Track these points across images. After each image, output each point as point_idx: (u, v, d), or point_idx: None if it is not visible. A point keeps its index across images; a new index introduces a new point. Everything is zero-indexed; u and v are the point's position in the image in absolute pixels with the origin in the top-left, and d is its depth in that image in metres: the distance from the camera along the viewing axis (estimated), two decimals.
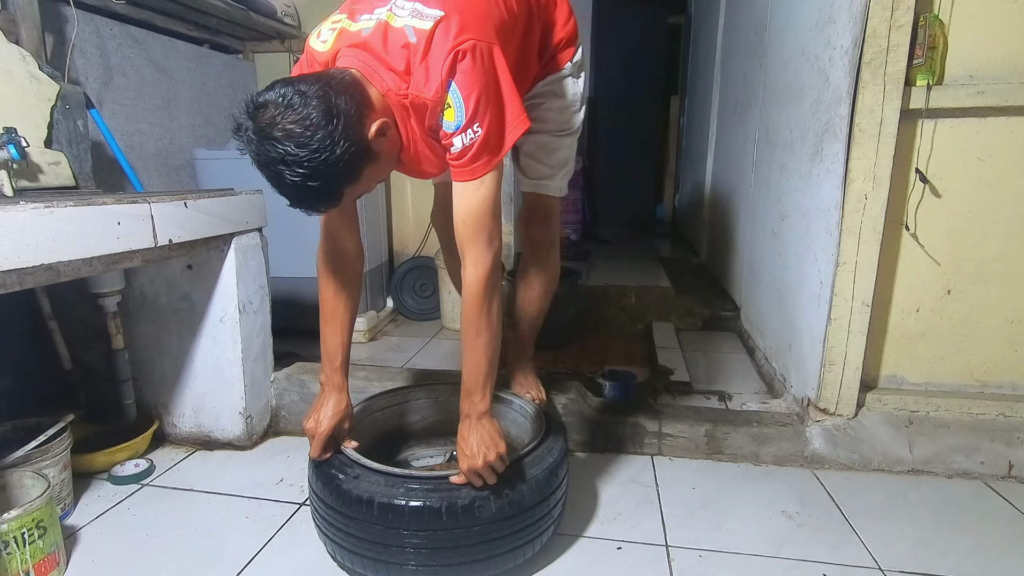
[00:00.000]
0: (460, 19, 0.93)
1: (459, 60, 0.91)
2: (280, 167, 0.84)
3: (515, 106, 0.98)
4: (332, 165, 0.85)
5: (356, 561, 1.03)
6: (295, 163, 0.83)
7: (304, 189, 0.86)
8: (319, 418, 1.13)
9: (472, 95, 0.91)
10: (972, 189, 1.38)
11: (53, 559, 1.07)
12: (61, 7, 1.79)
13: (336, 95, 0.86)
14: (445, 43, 0.91)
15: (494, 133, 0.95)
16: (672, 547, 1.17)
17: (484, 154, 0.95)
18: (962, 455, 1.43)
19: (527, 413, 1.29)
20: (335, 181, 0.89)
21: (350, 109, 0.87)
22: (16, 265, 0.97)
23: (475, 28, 0.94)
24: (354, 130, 0.87)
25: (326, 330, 1.18)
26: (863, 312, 1.40)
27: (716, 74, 3.21)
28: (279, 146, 0.83)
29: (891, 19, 1.27)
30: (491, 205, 0.99)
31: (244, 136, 0.85)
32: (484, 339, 1.01)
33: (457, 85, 0.91)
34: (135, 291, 1.54)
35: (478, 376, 1.03)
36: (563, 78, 1.27)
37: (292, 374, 1.69)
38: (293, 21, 2.62)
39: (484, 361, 1.02)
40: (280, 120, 0.83)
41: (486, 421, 1.04)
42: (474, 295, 0.99)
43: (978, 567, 1.12)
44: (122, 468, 1.43)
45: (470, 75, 0.91)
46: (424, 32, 0.92)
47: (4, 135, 1.36)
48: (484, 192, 0.97)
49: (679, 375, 1.93)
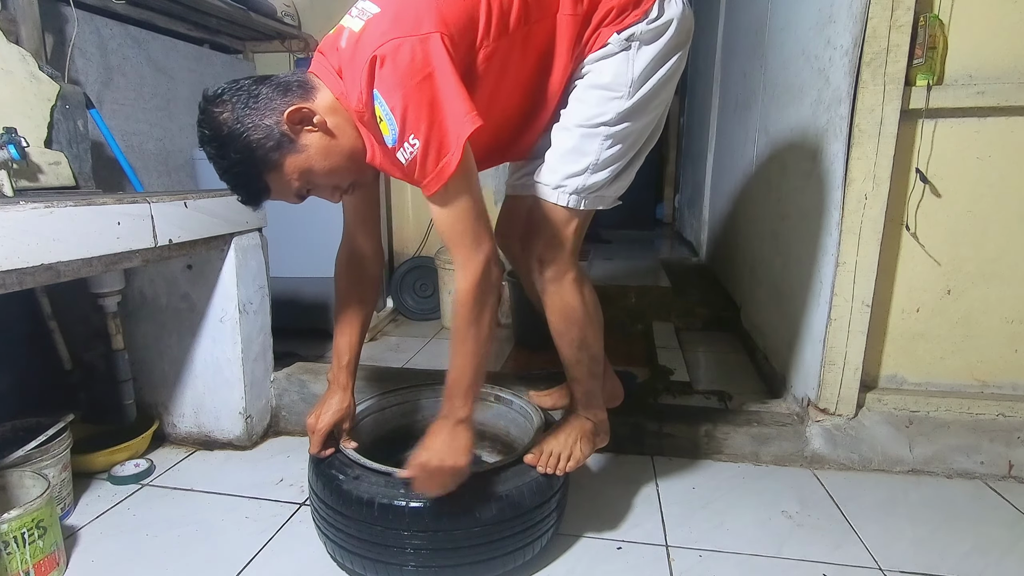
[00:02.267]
0: (393, 15, 0.85)
1: (378, 67, 0.82)
2: (205, 148, 0.91)
3: (459, 104, 0.84)
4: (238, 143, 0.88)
5: (356, 562, 1.03)
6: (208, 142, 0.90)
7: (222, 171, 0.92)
8: (319, 414, 1.14)
9: (398, 106, 0.82)
10: (972, 189, 1.38)
11: (53, 559, 1.07)
12: (61, 7, 1.79)
13: (265, 85, 0.91)
14: (368, 48, 0.83)
15: (433, 141, 0.84)
16: (672, 547, 1.17)
17: (431, 165, 0.85)
18: (962, 455, 1.43)
19: (527, 413, 1.29)
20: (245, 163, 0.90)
21: (271, 95, 0.90)
22: (16, 265, 0.97)
23: (410, 21, 0.84)
24: (267, 113, 0.89)
25: (337, 328, 1.18)
26: (863, 312, 1.40)
27: (716, 74, 3.21)
28: (201, 129, 0.90)
29: (891, 19, 1.27)
30: (463, 211, 0.90)
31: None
32: (470, 346, 0.95)
33: (381, 96, 0.83)
34: (135, 291, 1.54)
35: (461, 380, 0.97)
36: (605, 56, 1.00)
37: (292, 374, 1.69)
38: (293, 21, 2.62)
39: (468, 367, 0.96)
40: (209, 105, 0.90)
41: (462, 429, 0.97)
42: (462, 302, 0.93)
43: (978, 567, 1.12)
44: (122, 468, 1.43)
45: (391, 82, 0.82)
46: (354, 35, 0.87)
47: (4, 135, 1.36)
48: (450, 197, 0.88)
49: (679, 375, 1.93)
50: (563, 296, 1.10)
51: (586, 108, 1.01)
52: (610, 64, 1.00)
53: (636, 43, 0.99)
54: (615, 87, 1.00)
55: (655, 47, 1.00)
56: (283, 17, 2.54)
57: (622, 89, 1.00)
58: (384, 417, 1.38)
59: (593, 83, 1.01)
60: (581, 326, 1.12)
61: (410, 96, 0.82)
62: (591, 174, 1.03)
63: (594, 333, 1.15)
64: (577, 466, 1.11)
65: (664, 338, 2.29)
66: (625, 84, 1.00)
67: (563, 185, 1.04)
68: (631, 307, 2.58)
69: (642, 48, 0.99)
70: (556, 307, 1.11)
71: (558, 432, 1.16)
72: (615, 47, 0.99)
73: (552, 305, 1.11)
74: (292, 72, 0.97)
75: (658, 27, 0.99)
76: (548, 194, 1.05)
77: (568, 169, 1.03)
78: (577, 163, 1.03)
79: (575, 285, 1.10)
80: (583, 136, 1.02)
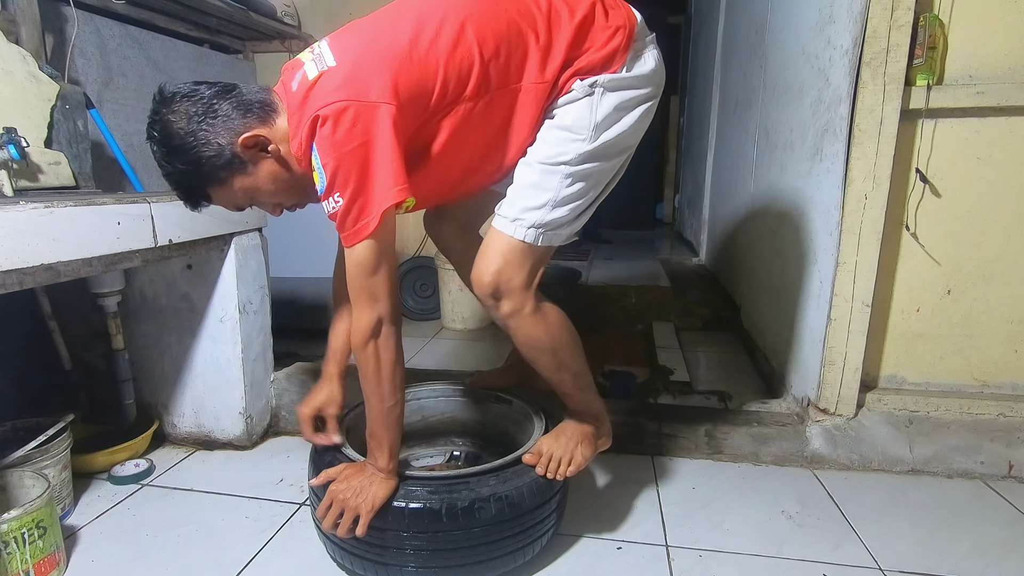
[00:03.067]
0: (345, 75, 0.87)
1: (319, 126, 0.85)
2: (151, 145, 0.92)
3: (388, 175, 0.86)
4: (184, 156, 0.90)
5: (356, 562, 1.03)
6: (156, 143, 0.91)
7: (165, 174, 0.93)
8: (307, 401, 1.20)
9: (329, 165, 0.86)
10: (972, 189, 1.38)
11: (53, 559, 1.07)
12: (61, 7, 1.78)
13: (227, 100, 0.91)
14: (315, 104, 0.86)
15: (355, 205, 0.87)
16: (672, 547, 1.17)
17: (350, 223, 0.89)
18: (962, 455, 1.43)
19: (527, 413, 1.29)
20: (189, 175, 0.92)
21: (231, 114, 0.90)
22: (16, 265, 0.97)
23: (359, 86, 0.86)
24: (222, 134, 0.90)
25: (332, 323, 1.23)
26: (863, 312, 1.41)
27: (716, 74, 3.21)
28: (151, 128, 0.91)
29: (891, 19, 1.27)
30: (370, 269, 0.92)
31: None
32: (373, 402, 1.00)
33: (317, 151, 0.87)
34: (135, 291, 1.54)
35: (374, 435, 1.01)
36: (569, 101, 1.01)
37: (292, 374, 1.69)
38: (293, 21, 2.62)
39: (377, 423, 1.01)
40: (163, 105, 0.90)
41: (383, 484, 0.99)
42: (357, 355, 0.99)
43: (978, 567, 1.12)
44: (122, 468, 1.43)
45: (328, 143, 0.85)
46: (308, 82, 0.89)
47: (4, 135, 1.36)
48: (356, 257, 0.91)
49: (679, 375, 1.93)
50: (524, 329, 1.06)
51: (548, 147, 1.01)
52: (573, 108, 1.01)
53: (600, 89, 1.00)
54: (576, 130, 1.00)
55: (619, 95, 1.01)
56: (283, 17, 2.54)
57: (584, 132, 1.00)
58: None
59: (557, 124, 1.01)
60: (552, 352, 1.09)
61: (342, 159, 0.85)
62: (550, 209, 1.01)
63: (569, 353, 1.11)
64: (578, 471, 1.11)
65: (664, 338, 2.29)
66: (587, 127, 1.00)
67: (521, 219, 1.01)
68: (631, 307, 2.58)
69: (606, 94, 1.00)
70: (520, 340, 1.08)
71: (559, 435, 1.15)
72: (579, 93, 1.00)
73: (516, 338, 1.08)
74: (258, 88, 0.95)
75: (625, 78, 1.01)
76: (505, 226, 1.02)
77: (527, 203, 1.01)
78: (536, 198, 1.01)
79: (534, 317, 1.05)
80: (543, 172, 1.01)
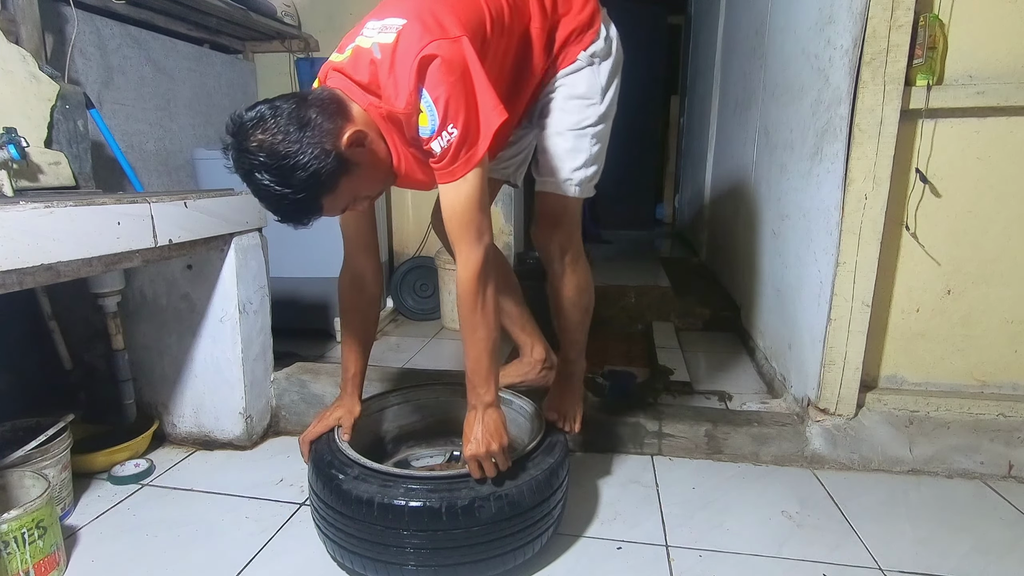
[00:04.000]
0: (422, 23, 0.94)
1: (426, 66, 0.92)
2: (256, 176, 0.88)
3: (489, 98, 0.97)
4: (302, 172, 0.88)
5: (356, 561, 1.03)
6: (267, 171, 0.87)
7: (281, 198, 0.90)
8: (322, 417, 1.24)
9: (442, 97, 0.92)
10: (972, 189, 1.38)
11: (53, 559, 1.07)
12: (61, 7, 1.79)
13: (308, 108, 0.90)
14: (409, 52, 0.92)
15: (470, 130, 0.95)
16: (672, 547, 1.17)
17: (462, 153, 0.96)
18: (962, 455, 1.43)
19: (527, 413, 1.29)
20: (309, 189, 0.90)
21: (321, 120, 0.90)
22: (16, 265, 0.97)
23: (439, 27, 0.94)
24: (325, 139, 0.90)
25: (344, 344, 1.27)
26: (863, 312, 1.40)
27: (716, 74, 3.21)
28: (252, 157, 0.87)
29: (891, 19, 1.27)
30: (476, 201, 0.99)
31: (228, 152, 0.90)
32: (481, 334, 1.04)
33: (428, 89, 0.92)
34: (135, 291, 1.54)
35: (479, 369, 1.05)
36: (576, 71, 1.20)
37: (292, 374, 1.69)
38: (293, 21, 2.62)
39: (484, 355, 1.05)
40: (254, 132, 0.88)
41: (492, 412, 1.06)
42: (467, 291, 1.02)
43: (978, 567, 1.12)
44: (122, 468, 1.43)
45: (438, 77, 0.92)
46: (388, 46, 0.94)
47: (4, 135, 1.36)
48: (467, 189, 0.98)
49: (679, 375, 1.93)
50: (579, 273, 1.33)
51: (571, 116, 1.22)
52: (581, 77, 1.21)
53: (598, 59, 1.21)
54: (590, 95, 1.21)
55: (609, 61, 1.24)
56: (283, 17, 2.54)
57: (596, 96, 1.22)
58: (383, 417, 1.38)
59: (571, 95, 1.21)
60: (590, 293, 1.37)
61: (452, 89, 0.92)
62: (587, 168, 1.25)
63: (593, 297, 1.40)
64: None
65: (664, 338, 2.29)
66: (598, 92, 1.22)
67: (570, 178, 1.25)
68: (631, 307, 2.58)
69: (602, 62, 1.23)
70: (574, 283, 1.33)
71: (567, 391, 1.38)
72: (583, 63, 1.20)
73: (571, 282, 1.32)
74: (317, 90, 0.97)
75: (607, 46, 1.23)
76: (564, 188, 1.25)
77: (572, 165, 1.24)
78: (576, 159, 1.24)
79: (587, 263, 1.36)
80: (576, 137, 1.23)
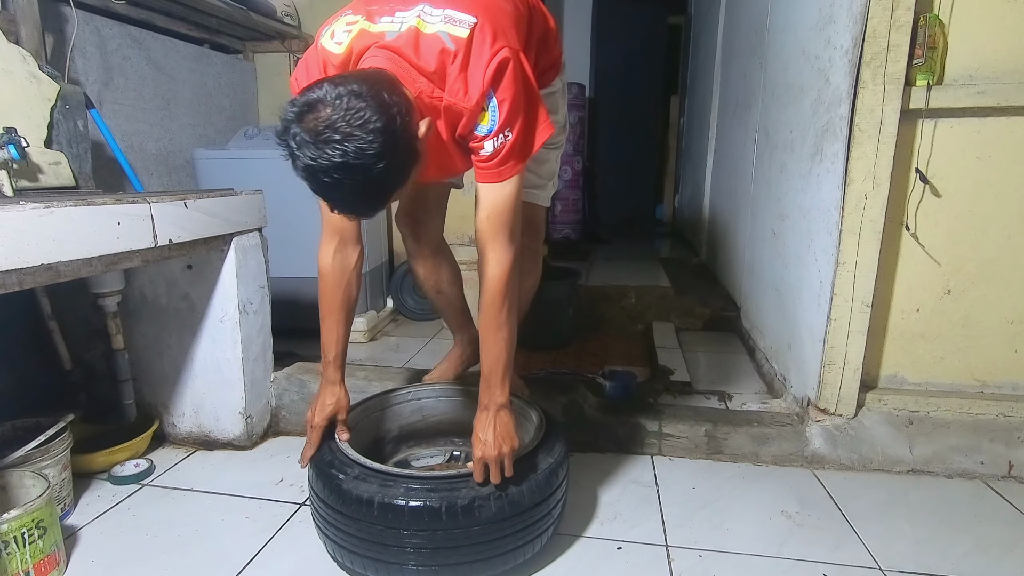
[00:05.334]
0: (492, 26, 0.95)
1: (500, 70, 0.94)
2: (339, 173, 0.80)
3: (542, 112, 1.02)
4: (390, 167, 0.84)
5: (356, 561, 1.03)
6: (356, 167, 0.80)
7: (360, 193, 0.85)
8: (314, 411, 1.17)
9: (506, 102, 0.95)
10: (972, 189, 1.38)
11: (53, 559, 1.07)
12: (61, 7, 1.79)
13: (387, 95, 0.85)
14: (483, 52, 0.93)
15: (523, 138, 0.99)
16: (672, 547, 1.17)
17: (512, 158, 0.99)
18: (962, 455, 1.43)
19: (526, 413, 1.29)
20: (391, 184, 0.88)
21: (402, 110, 0.86)
22: (16, 265, 0.97)
23: (505, 34, 0.96)
24: (409, 130, 0.87)
25: (324, 324, 1.18)
26: (863, 312, 1.40)
27: (716, 74, 3.21)
28: (339, 148, 0.79)
29: (891, 19, 1.27)
30: (515, 204, 1.02)
31: (294, 140, 0.81)
32: (504, 333, 1.05)
33: (497, 91, 0.94)
34: (135, 291, 1.54)
35: (498, 370, 1.05)
36: (553, 93, 1.30)
37: (292, 374, 1.69)
38: (293, 21, 2.62)
39: (504, 355, 1.05)
40: (338, 122, 0.79)
41: (504, 414, 1.06)
42: (496, 290, 1.02)
43: (978, 567, 1.12)
44: (122, 468, 1.43)
45: (506, 83, 0.94)
46: (461, 40, 0.93)
47: (4, 135, 1.36)
48: (510, 191, 1.01)
49: (679, 375, 1.93)
50: (539, 265, 1.50)
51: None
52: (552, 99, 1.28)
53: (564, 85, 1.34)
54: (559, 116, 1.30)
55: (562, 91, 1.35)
56: (283, 17, 2.54)
57: (562, 118, 1.34)
58: (383, 417, 1.38)
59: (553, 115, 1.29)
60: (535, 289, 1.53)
61: (516, 97, 0.96)
62: (557, 181, 1.44)
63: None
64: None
65: (664, 338, 2.29)
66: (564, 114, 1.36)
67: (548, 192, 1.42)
68: (631, 307, 2.58)
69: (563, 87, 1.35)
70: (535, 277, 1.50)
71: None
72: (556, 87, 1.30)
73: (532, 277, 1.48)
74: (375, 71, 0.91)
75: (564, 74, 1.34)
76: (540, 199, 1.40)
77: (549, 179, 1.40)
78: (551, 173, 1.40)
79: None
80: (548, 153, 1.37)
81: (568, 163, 3.92)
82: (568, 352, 2.25)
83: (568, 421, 1.53)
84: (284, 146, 0.82)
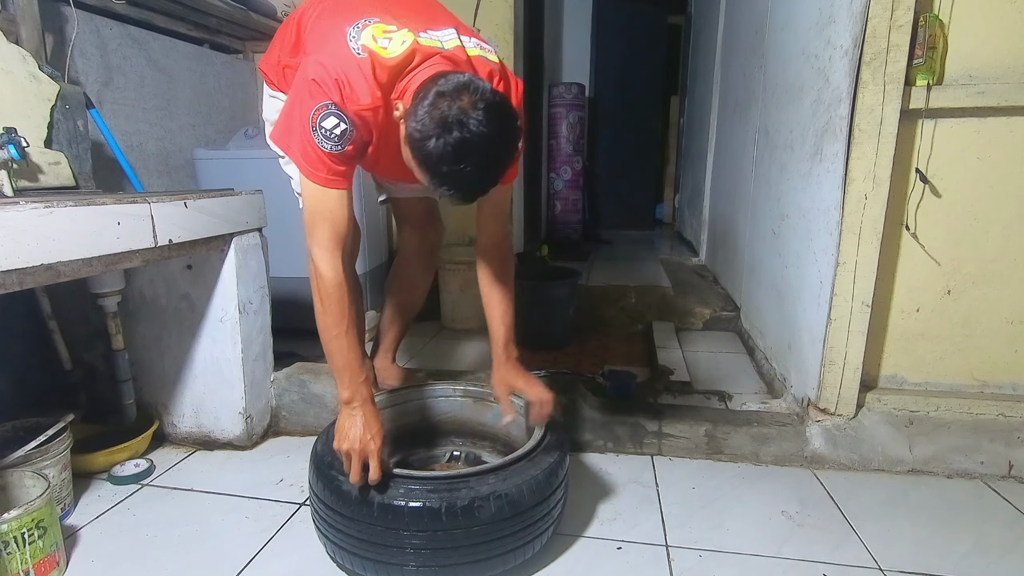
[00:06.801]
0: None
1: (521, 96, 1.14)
2: (512, 143, 0.98)
3: None
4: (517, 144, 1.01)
5: (356, 562, 1.03)
6: (516, 137, 0.99)
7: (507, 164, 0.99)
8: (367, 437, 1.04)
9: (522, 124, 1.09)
10: (972, 189, 1.38)
11: (53, 559, 1.07)
12: (61, 7, 1.78)
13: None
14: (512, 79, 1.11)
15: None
16: (672, 547, 1.17)
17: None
18: (962, 455, 1.43)
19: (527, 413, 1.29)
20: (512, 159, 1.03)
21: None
22: (16, 265, 0.97)
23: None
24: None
25: (340, 343, 1.08)
26: (863, 312, 1.40)
27: (716, 74, 3.21)
28: (515, 120, 0.97)
29: (891, 19, 1.27)
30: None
31: (482, 114, 0.89)
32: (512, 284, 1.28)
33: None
34: (135, 291, 1.54)
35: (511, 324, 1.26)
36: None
37: (292, 374, 1.69)
38: None
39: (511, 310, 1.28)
40: (503, 100, 0.95)
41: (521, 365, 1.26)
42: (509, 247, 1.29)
43: (978, 567, 1.12)
44: (122, 468, 1.43)
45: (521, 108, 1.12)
46: (496, 63, 1.10)
47: (4, 135, 1.36)
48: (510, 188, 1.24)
49: (679, 375, 1.93)
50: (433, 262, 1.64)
51: None
52: None
53: None
54: None
55: None
56: (283, 17, 2.54)
57: None
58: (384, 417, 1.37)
59: None
60: None
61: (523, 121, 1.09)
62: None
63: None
64: None
65: (664, 338, 2.29)
66: None
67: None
68: (631, 307, 2.58)
69: None
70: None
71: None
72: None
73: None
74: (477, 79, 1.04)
75: None
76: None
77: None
78: None
79: None
80: None
81: (568, 163, 3.92)
82: (568, 352, 2.25)
83: (568, 421, 1.53)
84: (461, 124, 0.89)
